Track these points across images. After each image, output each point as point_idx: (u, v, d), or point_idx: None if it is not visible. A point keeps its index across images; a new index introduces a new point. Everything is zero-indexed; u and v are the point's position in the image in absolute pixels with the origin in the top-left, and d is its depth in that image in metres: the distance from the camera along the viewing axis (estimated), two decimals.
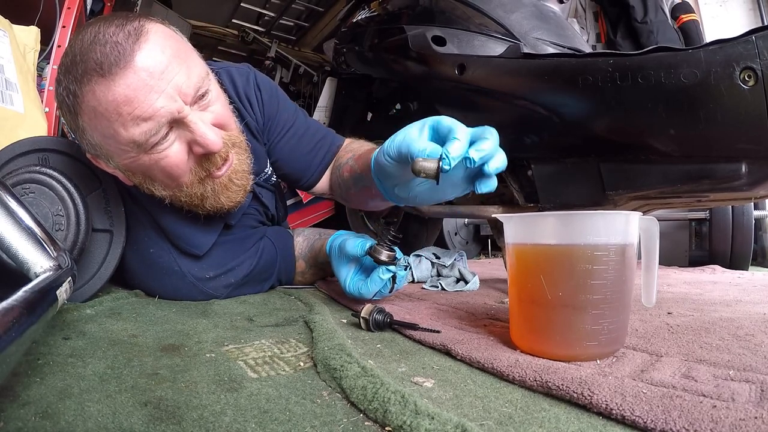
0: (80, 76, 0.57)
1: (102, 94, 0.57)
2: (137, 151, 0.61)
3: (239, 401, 0.35)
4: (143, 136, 0.59)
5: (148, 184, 0.67)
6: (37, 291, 0.37)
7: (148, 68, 0.57)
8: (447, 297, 0.81)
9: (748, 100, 0.54)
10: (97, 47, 0.56)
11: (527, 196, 0.86)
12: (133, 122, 0.58)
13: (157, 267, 0.75)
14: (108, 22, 0.58)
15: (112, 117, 0.58)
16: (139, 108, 0.57)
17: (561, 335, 0.43)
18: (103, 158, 0.64)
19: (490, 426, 0.31)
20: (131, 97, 0.57)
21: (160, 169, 0.64)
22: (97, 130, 0.60)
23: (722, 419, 0.28)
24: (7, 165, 0.70)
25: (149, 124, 0.59)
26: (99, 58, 0.56)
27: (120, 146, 0.61)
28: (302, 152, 0.88)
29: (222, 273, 0.78)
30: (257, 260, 0.83)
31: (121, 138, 0.59)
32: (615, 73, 0.63)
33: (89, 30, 0.58)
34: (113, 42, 0.56)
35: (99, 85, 0.56)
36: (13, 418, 0.31)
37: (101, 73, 0.56)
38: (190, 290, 0.75)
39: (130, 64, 0.56)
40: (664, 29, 1.39)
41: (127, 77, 0.56)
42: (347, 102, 1.57)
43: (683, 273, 1.26)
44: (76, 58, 0.57)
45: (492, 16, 0.86)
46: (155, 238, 0.75)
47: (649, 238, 0.47)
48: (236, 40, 3.58)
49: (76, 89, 0.58)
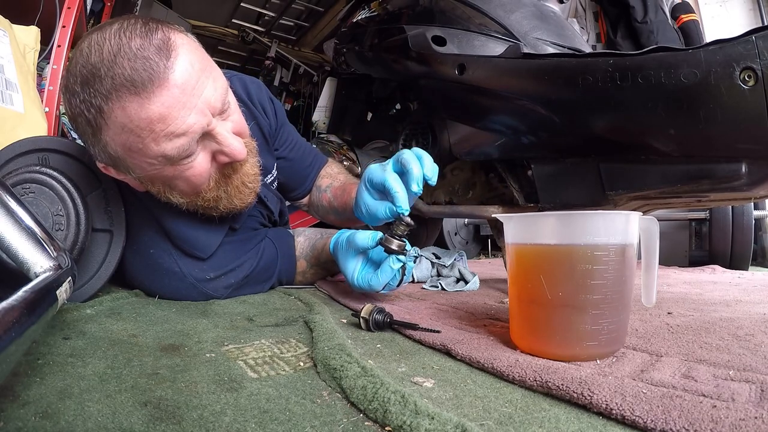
0: (107, 91, 0.55)
1: (134, 112, 0.56)
2: (164, 164, 0.61)
3: (239, 401, 0.35)
4: (175, 151, 0.59)
5: (166, 192, 0.67)
6: (37, 291, 0.37)
7: (182, 86, 0.57)
8: (447, 297, 0.81)
9: (748, 100, 0.54)
10: (124, 62, 0.55)
11: (527, 196, 0.86)
12: (166, 138, 0.58)
13: (157, 267, 0.74)
14: (129, 32, 0.56)
15: (143, 134, 0.57)
16: (173, 125, 0.57)
17: (561, 335, 0.43)
18: (120, 168, 0.64)
19: (490, 426, 0.31)
20: (165, 114, 0.57)
21: (184, 178, 0.64)
22: (123, 144, 0.59)
23: (722, 419, 0.28)
24: (7, 165, 0.70)
25: (182, 140, 0.59)
26: (130, 74, 0.55)
27: (146, 159, 0.60)
28: (303, 165, 0.96)
29: (222, 274, 0.78)
30: (258, 261, 0.83)
31: (151, 152, 0.59)
32: (615, 73, 0.63)
33: (108, 40, 0.56)
34: (143, 57, 0.55)
35: (131, 102, 0.56)
36: (13, 418, 0.31)
37: (134, 92, 0.55)
38: (189, 291, 0.75)
39: (165, 82, 0.56)
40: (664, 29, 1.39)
41: (162, 96, 0.56)
42: (347, 102, 1.57)
43: (683, 273, 1.26)
44: (98, 71, 0.55)
45: (492, 16, 0.86)
46: (156, 239, 0.75)
47: (649, 238, 0.47)
48: (236, 40, 3.58)
49: (101, 104, 0.56)
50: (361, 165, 1.19)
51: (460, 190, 1.05)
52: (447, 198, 1.07)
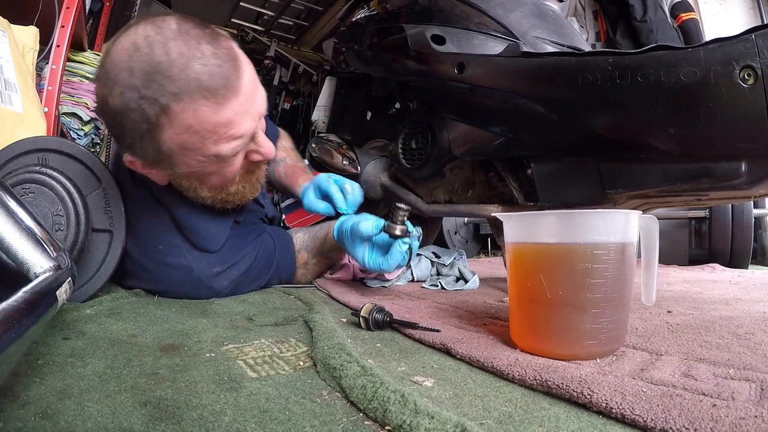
0: (179, 91, 0.57)
1: (205, 116, 0.59)
2: (212, 162, 0.65)
3: (239, 401, 0.35)
4: (230, 152, 0.64)
5: (197, 188, 0.71)
6: (37, 291, 0.37)
7: (246, 94, 0.62)
8: (447, 296, 0.81)
9: (747, 99, 0.54)
10: (198, 66, 0.57)
11: (527, 195, 0.86)
12: (226, 140, 0.62)
13: (164, 263, 0.75)
14: (194, 35, 0.58)
15: (207, 135, 0.61)
16: (235, 129, 0.62)
17: (561, 334, 0.43)
18: (158, 164, 0.65)
19: (490, 425, 0.31)
20: (232, 120, 0.61)
21: (220, 174, 0.68)
22: (181, 143, 0.61)
23: (722, 418, 0.28)
24: (6, 165, 0.70)
25: (238, 142, 0.64)
26: (207, 80, 0.58)
27: (198, 158, 0.63)
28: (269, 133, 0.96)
29: (227, 267, 0.80)
30: (257, 253, 0.86)
31: (207, 152, 0.63)
32: (614, 72, 0.63)
33: (172, 40, 0.57)
34: (217, 64, 0.59)
35: (204, 106, 0.58)
36: (12, 418, 0.31)
37: (209, 96, 0.58)
38: (194, 286, 0.77)
39: (237, 91, 0.60)
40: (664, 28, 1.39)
41: (232, 103, 0.60)
42: (346, 101, 1.57)
43: (683, 271, 1.26)
44: (168, 71, 0.56)
45: (491, 15, 0.85)
46: (167, 234, 0.76)
47: (648, 236, 0.47)
48: (235, 39, 3.57)
49: (170, 103, 0.57)
50: (361, 164, 1.19)
51: (460, 189, 1.04)
52: (446, 197, 1.07)
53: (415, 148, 1.05)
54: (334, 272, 0.98)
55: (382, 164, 1.20)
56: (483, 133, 0.86)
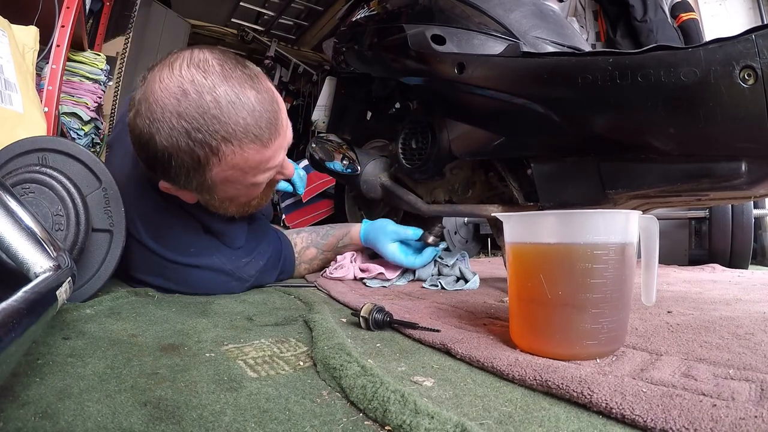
0: (228, 135, 0.62)
1: (251, 157, 0.66)
2: (248, 188, 0.72)
3: (239, 401, 0.35)
4: (265, 180, 0.72)
5: (224, 207, 0.76)
6: (37, 291, 0.37)
7: (284, 132, 0.70)
8: (447, 296, 0.81)
9: (747, 99, 0.54)
10: (243, 113, 0.63)
11: (527, 195, 0.86)
12: (263, 172, 0.70)
13: (195, 265, 0.80)
14: (236, 79, 0.63)
15: (250, 171, 0.68)
16: (272, 162, 0.70)
17: (561, 334, 0.43)
18: (196, 190, 0.71)
19: (490, 425, 0.31)
20: (273, 156, 0.69)
21: (249, 195, 0.76)
22: (225, 178, 0.68)
23: (722, 418, 0.28)
24: (6, 165, 0.70)
25: (272, 172, 0.72)
26: (254, 126, 0.64)
27: (237, 187, 0.71)
28: None
29: (252, 258, 0.87)
30: (271, 244, 0.93)
31: (246, 182, 0.70)
32: (615, 72, 0.63)
33: (219, 86, 0.62)
34: (260, 110, 0.64)
35: (251, 149, 0.65)
36: (12, 418, 0.31)
37: (256, 140, 0.65)
38: (225, 280, 0.82)
39: (279, 133, 0.68)
40: (664, 28, 1.39)
41: (275, 144, 0.68)
42: (347, 101, 1.57)
43: (683, 272, 1.26)
44: (218, 118, 0.61)
45: (491, 15, 0.85)
46: (197, 235, 0.81)
47: (648, 236, 0.47)
48: (235, 39, 3.58)
49: (219, 146, 0.63)
50: (361, 164, 1.18)
51: (460, 189, 1.04)
52: (446, 197, 1.07)
53: (415, 148, 1.05)
54: (334, 272, 0.98)
55: (382, 164, 1.20)
56: (483, 133, 0.86)
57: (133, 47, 2.32)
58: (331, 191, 1.81)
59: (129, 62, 2.29)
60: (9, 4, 1.13)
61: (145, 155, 0.66)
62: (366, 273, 0.98)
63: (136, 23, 2.32)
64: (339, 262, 1.01)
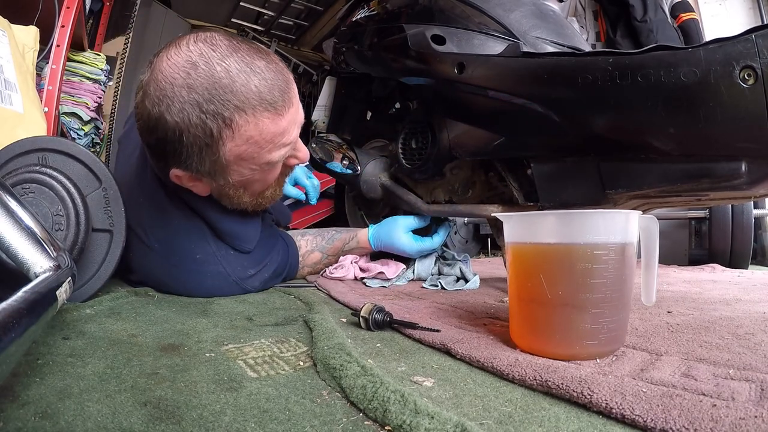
0: (242, 104, 0.60)
1: (266, 127, 0.63)
2: (262, 169, 0.70)
3: (239, 401, 0.35)
4: (280, 158, 0.69)
5: (239, 195, 0.74)
6: (37, 291, 0.37)
7: (296, 105, 0.68)
8: (447, 296, 0.81)
9: (747, 99, 0.54)
10: (254, 79, 0.61)
11: (527, 195, 0.86)
12: (278, 148, 0.67)
13: (201, 271, 0.78)
14: (247, 51, 0.62)
15: (265, 145, 0.65)
16: (286, 137, 0.67)
17: (561, 334, 0.43)
18: (210, 176, 0.68)
19: (490, 425, 0.31)
20: (287, 129, 0.66)
21: (264, 180, 0.73)
22: (239, 154, 0.65)
23: (722, 418, 0.28)
24: (6, 165, 0.70)
25: (287, 148, 0.69)
26: (268, 93, 0.62)
27: (251, 166, 0.68)
28: None
29: (260, 269, 0.85)
30: (280, 255, 0.91)
31: (261, 160, 0.67)
32: (614, 72, 0.63)
33: (229, 57, 0.60)
34: (273, 78, 0.63)
35: (266, 118, 0.63)
36: (12, 418, 0.31)
37: (270, 108, 0.63)
38: (230, 289, 0.81)
39: (292, 102, 0.66)
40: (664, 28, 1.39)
41: (290, 114, 0.66)
42: (347, 101, 1.57)
43: (683, 272, 1.26)
44: (231, 86, 0.59)
45: (491, 15, 0.85)
46: (202, 242, 0.78)
47: (648, 236, 0.47)
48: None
49: (233, 116, 0.60)
50: (361, 164, 1.18)
51: (460, 189, 1.04)
52: (446, 197, 1.07)
53: (415, 148, 1.05)
54: (334, 272, 0.98)
55: (382, 164, 1.20)
56: (483, 133, 0.86)
57: (133, 47, 2.32)
58: (331, 191, 1.81)
59: (129, 62, 2.28)
60: (9, 4, 1.13)
61: (155, 139, 0.63)
62: (366, 273, 0.98)
63: (136, 23, 2.32)
64: (339, 262, 1.01)
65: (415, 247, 0.95)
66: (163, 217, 0.77)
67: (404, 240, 0.95)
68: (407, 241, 0.95)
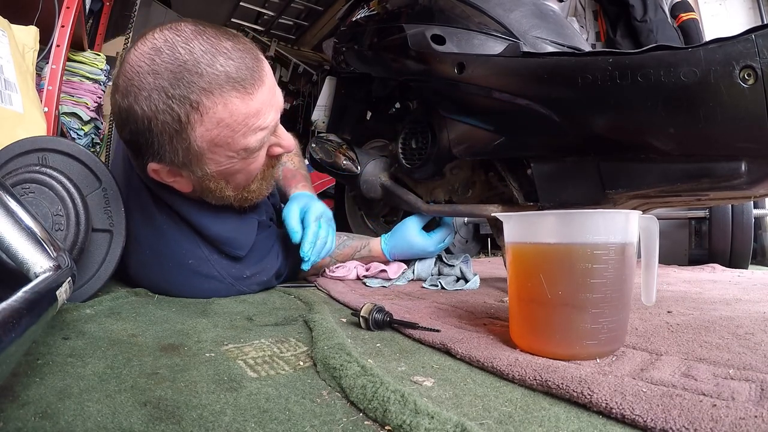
0: (208, 86, 0.58)
1: (236, 108, 0.60)
2: (241, 157, 0.66)
3: (239, 401, 0.35)
4: (257, 144, 0.65)
5: (221, 188, 0.70)
6: (37, 291, 0.37)
7: (269, 86, 0.64)
8: (447, 296, 0.81)
9: (747, 99, 0.54)
10: (223, 60, 0.59)
11: (527, 195, 0.86)
12: (253, 132, 0.64)
13: (196, 275, 0.77)
14: (212, 34, 0.60)
15: (237, 128, 0.62)
16: (261, 120, 0.63)
17: (561, 334, 0.43)
18: (187, 167, 0.65)
19: (490, 425, 0.31)
20: (260, 110, 0.63)
21: (246, 171, 0.70)
22: (212, 139, 0.62)
23: (722, 418, 0.28)
24: (6, 165, 0.70)
25: (264, 133, 0.65)
26: (235, 72, 0.59)
27: (228, 153, 0.64)
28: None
29: (257, 272, 0.83)
30: (279, 259, 0.89)
31: (236, 146, 0.64)
32: (615, 72, 0.63)
33: (193, 40, 0.58)
34: (241, 57, 0.60)
35: (234, 98, 0.60)
36: (12, 418, 0.31)
37: (238, 88, 0.60)
38: (228, 291, 0.79)
39: (263, 81, 0.62)
40: (664, 28, 1.39)
41: (260, 93, 0.62)
42: (347, 101, 1.57)
43: (683, 272, 1.26)
44: (195, 68, 0.57)
45: (491, 15, 0.85)
46: (193, 247, 0.77)
47: (648, 236, 0.47)
48: None
49: (200, 99, 0.58)
50: (361, 164, 1.18)
51: (460, 188, 1.04)
52: (446, 197, 1.07)
53: (415, 148, 1.05)
54: (335, 271, 0.98)
55: (382, 164, 1.20)
56: (483, 133, 0.86)
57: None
58: (331, 191, 1.81)
59: None
60: (9, 4, 1.13)
61: (128, 132, 0.61)
62: (367, 272, 0.98)
63: (136, 23, 2.32)
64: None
65: (433, 241, 0.96)
66: (151, 224, 0.76)
67: (420, 240, 0.96)
68: (423, 240, 0.96)
